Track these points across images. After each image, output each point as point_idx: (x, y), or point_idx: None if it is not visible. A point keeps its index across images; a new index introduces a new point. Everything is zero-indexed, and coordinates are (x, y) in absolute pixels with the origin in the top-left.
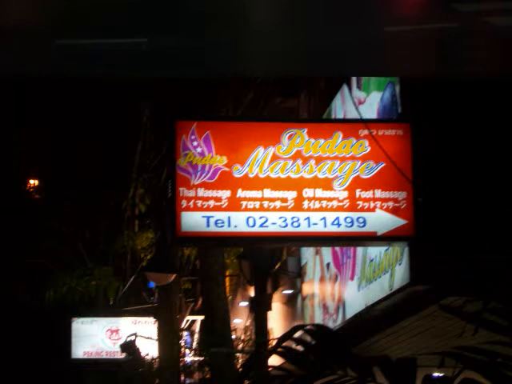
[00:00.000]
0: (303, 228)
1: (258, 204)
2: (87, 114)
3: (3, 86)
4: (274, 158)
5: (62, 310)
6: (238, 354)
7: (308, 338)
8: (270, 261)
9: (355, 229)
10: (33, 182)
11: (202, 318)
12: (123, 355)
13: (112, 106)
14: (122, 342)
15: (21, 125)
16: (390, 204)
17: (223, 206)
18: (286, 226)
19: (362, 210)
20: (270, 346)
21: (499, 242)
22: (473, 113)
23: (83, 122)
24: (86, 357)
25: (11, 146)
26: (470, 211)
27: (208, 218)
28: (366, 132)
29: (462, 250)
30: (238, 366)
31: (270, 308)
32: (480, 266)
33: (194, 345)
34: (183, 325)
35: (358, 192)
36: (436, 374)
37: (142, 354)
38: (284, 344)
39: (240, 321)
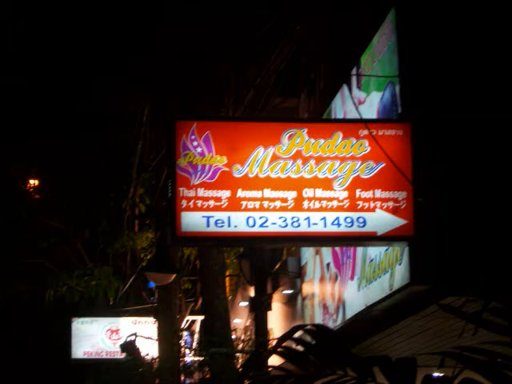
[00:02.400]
0: (303, 228)
1: (257, 204)
2: (88, 112)
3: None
4: (274, 158)
5: (61, 310)
6: (238, 354)
7: (308, 338)
8: (270, 261)
9: (355, 229)
10: (33, 182)
11: (202, 317)
12: (123, 355)
13: (112, 105)
14: (122, 342)
15: (21, 125)
16: (390, 204)
17: (223, 206)
18: (286, 226)
19: (362, 210)
20: (270, 346)
21: (500, 241)
22: (473, 112)
23: (84, 120)
24: (85, 357)
25: (11, 145)
26: (471, 211)
27: (208, 218)
28: (366, 132)
29: (462, 249)
30: (238, 366)
31: (270, 308)
32: (480, 266)
33: (194, 345)
34: (183, 325)
35: (358, 192)
36: (436, 374)
37: (142, 354)
38: (284, 344)
39: (240, 321)
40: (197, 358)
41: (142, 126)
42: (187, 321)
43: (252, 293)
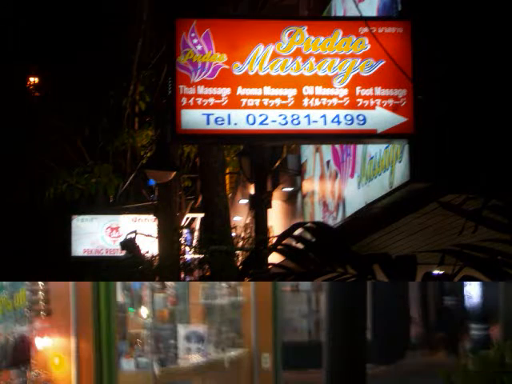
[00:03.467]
0: (303, 126)
1: (257, 101)
2: (87, 11)
3: None
4: (274, 55)
5: (61, 208)
6: (237, 252)
7: (308, 236)
8: (270, 158)
9: (355, 126)
10: (33, 80)
11: (201, 215)
12: (123, 253)
13: (113, 2)
14: (121, 239)
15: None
16: (390, 101)
17: (223, 104)
18: (286, 123)
19: (362, 107)
20: (269, 244)
21: (500, 139)
22: (474, 14)
23: (83, 19)
24: (85, 254)
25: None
26: (471, 108)
27: (208, 115)
28: (365, 29)
29: (462, 147)
30: (238, 264)
31: (269, 206)
32: (480, 164)
33: (194, 242)
34: (183, 222)
35: (357, 89)
36: (436, 272)
37: (142, 251)
38: (284, 242)
39: (240, 218)
40: (197, 256)
41: (143, 24)
42: (187, 218)
43: (252, 190)
